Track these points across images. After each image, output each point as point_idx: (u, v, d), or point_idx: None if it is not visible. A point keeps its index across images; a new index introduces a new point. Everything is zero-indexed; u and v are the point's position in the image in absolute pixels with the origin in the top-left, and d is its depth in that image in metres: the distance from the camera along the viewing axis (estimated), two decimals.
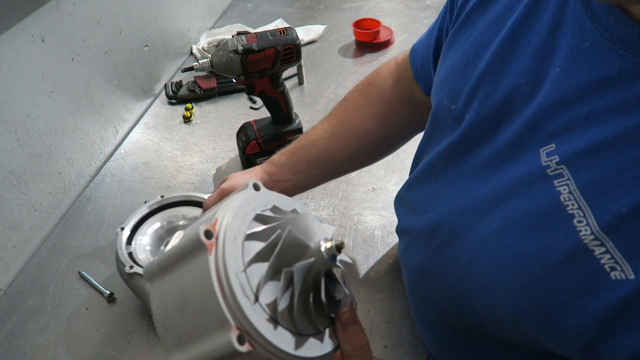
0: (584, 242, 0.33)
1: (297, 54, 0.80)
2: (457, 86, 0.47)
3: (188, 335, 0.31)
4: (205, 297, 0.29)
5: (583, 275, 0.33)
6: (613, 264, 0.32)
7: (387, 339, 0.65)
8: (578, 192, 0.34)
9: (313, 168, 0.66)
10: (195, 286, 0.30)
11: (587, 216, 0.33)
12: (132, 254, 0.68)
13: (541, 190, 0.36)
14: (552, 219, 0.35)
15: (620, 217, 0.31)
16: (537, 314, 0.37)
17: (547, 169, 0.36)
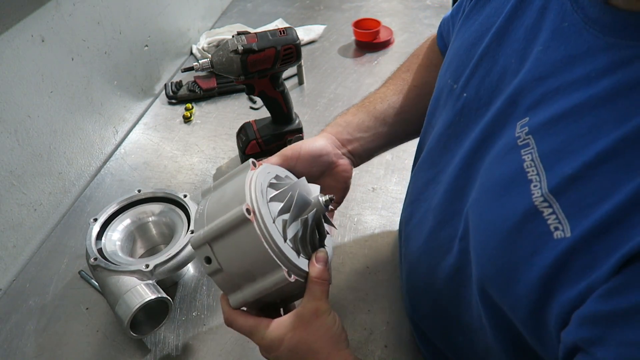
0: (535, 205, 0.35)
1: (297, 54, 0.80)
2: (461, 66, 0.49)
3: (247, 280, 0.46)
4: (260, 254, 0.44)
5: (533, 236, 0.35)
6: (557, 224, 0.33)
7: (387, 339, 0.65)
8: (539, 159, 0.36)
9: (382, 124, 0.62)
10: (252, 247, 0.44)
11: (542, 180, 0.35)
12: (101, 249, 0.67)
13: (511, 159, 0.39)
14: (515, 185, 0.37)
15: (567, 179, 0.34)
16: (497, 279, 0.39)
17: (517, 140, 0.39)
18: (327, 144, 0.58)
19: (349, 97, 1.10)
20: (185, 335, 0.67)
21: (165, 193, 0.74)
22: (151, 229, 0.75)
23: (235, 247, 0.45)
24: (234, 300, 0.47)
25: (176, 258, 0.65)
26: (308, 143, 0.58)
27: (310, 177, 0.54)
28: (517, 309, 0.37)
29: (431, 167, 0.53)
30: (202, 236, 0.45)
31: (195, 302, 0.71)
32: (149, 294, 0.60)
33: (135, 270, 0.63)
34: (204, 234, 0.45)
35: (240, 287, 0.47)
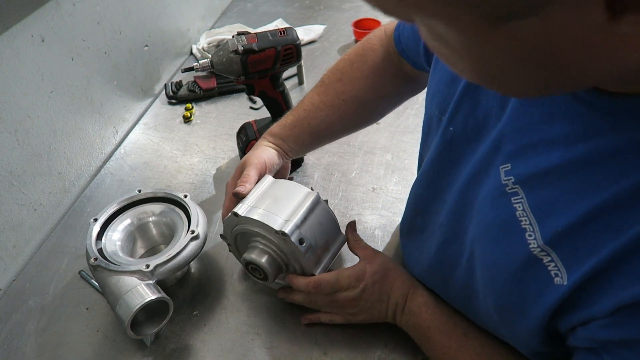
0: (534, 253, 0.39)
1: (297, 54, 0.80)
2: (445, 100, 0.51)
3: (325, 250, 0.63)
4: (332, 224, 0.64)
5: (536, 279, 0.40)
6: (556, 271, 0.38)
7: (387, 339, 0.65)
8: (529, 211, 0.40)
9: (315, 139, 0.74)
10: (327, 220, 0.63)
11: (535, 231, 0.39)
12: (102, 249, 0.67)
13: (502, 204, 0.43)
14: (511, 231, 0.41)
15: (559, 234, 0.38)
16: (507, 310, 0.44)
17: (505, 187, 0.42)
18: (277, 156, 0.71)
19: None
20: (186, 335, 0.67)
21: (166, 193, 0.74)
22: (151, 229, 0.75)
23: (318, 225, 0.61)
24: (319, 271, 0.62)
25: (176, 258, 0.65)
26: (266, 155, 0.69)
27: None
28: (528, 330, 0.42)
29: (430, 186, 0.57)
30: (294, 223, 0.58)
31: (195, 302, 0.71)
32: (150, 294, 0.60)
33: (135, 271, 0.63)
34: (294, 221, 0.58)
35: (320, 259, 0.62)
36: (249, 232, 0.62)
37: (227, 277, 0.74)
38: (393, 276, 0.61)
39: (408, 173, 0.91)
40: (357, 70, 0.71)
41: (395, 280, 0.60)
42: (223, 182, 0.91)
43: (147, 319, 0.64)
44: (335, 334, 0.66)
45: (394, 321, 0.61)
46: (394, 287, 0.60)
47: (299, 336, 0.66)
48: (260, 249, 0.62)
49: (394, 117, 1.04)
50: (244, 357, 0.64)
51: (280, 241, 0.60)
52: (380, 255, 0.63)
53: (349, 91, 0.71)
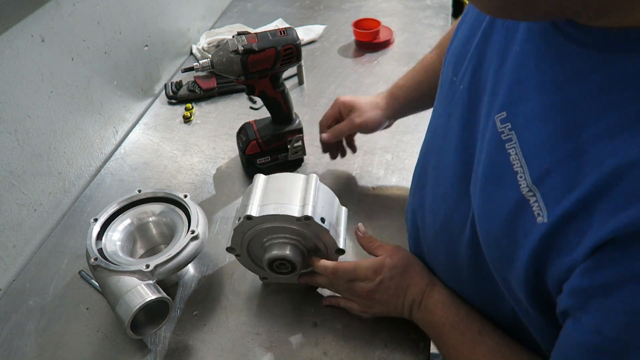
0: (523, 194, 0.40)
1: (297, 54, 0.80)
2: (459, 61, 0.53)
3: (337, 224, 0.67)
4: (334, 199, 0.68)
5: (523, 222, 0.40)
6: (539, 211, 0.39)
7: (387, 339, 0.65)
8: (521, 153, 0.41)
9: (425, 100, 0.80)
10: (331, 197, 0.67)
11: (525, 172, 0.40)
12: (102, 249, 0.67)
13: (498, 153, 0.44)
14: (504, 177, 0.42)
15: (544, 172, 0.39)
16: (501, 259, 0.45)
17: (501, 135, 0.43)
18: (381, 120, 0.83)
19: None
20: (186, 335, 0.67)
21: (166, 193, 0.74)
22: (151, 229, 0.75)
23: (327, 202, 0.64)
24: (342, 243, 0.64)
25: (177, 258, 0.65)
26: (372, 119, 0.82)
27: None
28: (519, 283, 0.43)
29: (433, 154, 0.59)
30: (311, 205, 0.60)
31: (195, 302, 0.71)
32: (150, 294, 0.60)
33: (135, 271, 0.63)
34: (311, 204, 0.60)
35: (337, 233, 0.65)
36: (264, 232, 0.62)
37: (227, 277, 0.74)
38: (412, 272, 0.61)
39: (408, 173, 0.91)
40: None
41: (414, 277, 0.60)
42: (223, 182, 0.91)
43: (147, 318, 0.64)
44: (335, 334, 0.66)
45: (409, 317, 0.61)
46: (412, 283, 0.60)
47: (299, 336, 0.66)
48: (281, 243, 0.63)
49: None
50: (244, 357, 0.64)
51: (303, 227, 0.61)
52: (402, 250, 0.63)
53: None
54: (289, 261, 0.63)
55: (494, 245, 0.45)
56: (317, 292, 0.71)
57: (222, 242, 0.79)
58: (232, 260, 0.75)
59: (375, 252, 0.64)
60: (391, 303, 0.61)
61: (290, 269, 0.64)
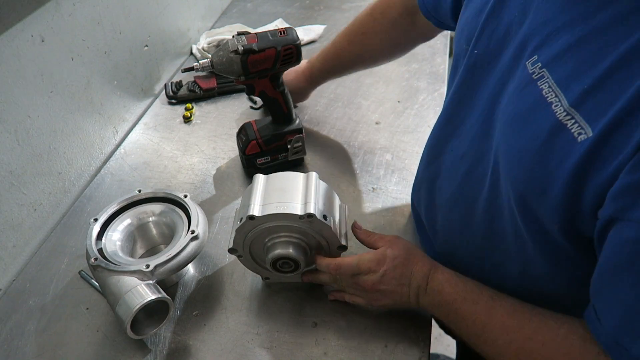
0: (559, 120, 0.42)
1: (297, 54, 0.80)
2: (472, 28, 0.55)
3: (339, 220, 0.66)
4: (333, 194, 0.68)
5: (560, 146, 0.42)
6: (580, 130, 0.40)
7: (387, 339, 0.65)
8: (555, 85, 0.43)
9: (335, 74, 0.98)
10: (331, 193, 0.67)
11: (561, 99, 0.42)
12: (102, 249, 0.67)
13: (528, 92, 0.46)
14: (537, 110, 0.44)
15: (583, 93, 0.41)
16: (534, 190, 0.45)
17: (532, 75, 0.45)
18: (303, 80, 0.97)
19: (349, 97, 1.10)
20: (186, 335, 0.67)
21: (166, 193, 0.74)
22: (151, 229, 0.75)
23: (327, 199, 0.64)
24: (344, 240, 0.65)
25: (177, 258, 0.65)
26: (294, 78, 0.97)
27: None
28: (554, 210, 0.44)
29: (448, 124, 0.62)
30: (313, 203, 0.61)
31: (195, 302, 0.71)
32: (150, 294, 0.60)
33: (135, 271, 0.63)
34: (313, 202, 0.61)
35: (339, 229, 0.65)
36: (266, 232, 0.62)
37: (227, 277, 0.74)
38: (414, 259, 0.61)
39: (408, 173, 0.91)
40: (379, 25, 0.84)
41: (417, 263, 0.61)
42: (223, 182, 0.91)
43: (147, 319, 0.64)
44: (335, 334, 0.66)
45: (417, 305, 0.61)
46: (415, 270, 0.60)
47: (299, 336, 0.66)
48: (283, 242, 0.63)
49: (394, 117, 1.04)
50: (244, 357, 0.64)
51: (306, 225, 0.61)
52: (401, 240, 0.64)
53: (371, 44, 0.87)
54: (292, 260, 0.63)
55: (524, 180, 0.46)
56: (318, 292, 0.71)
57: (222, 242, 0.79)
58: (232, 260, 0.75)
59: (375, 244, 0.65)
60: (397, 293, 0.61)
61: (294, 268, 0.64)
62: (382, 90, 1.13)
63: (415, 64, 1.20)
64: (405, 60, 1.21)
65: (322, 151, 0.96)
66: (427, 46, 1.25)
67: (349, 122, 1.03)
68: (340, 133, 1.01)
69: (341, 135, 1.00)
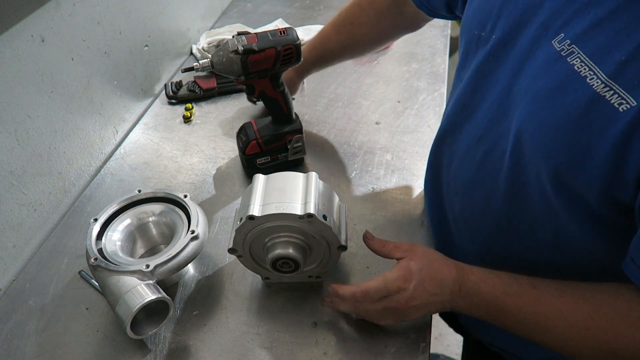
0: (597, 92, 0.42)
1: (297, 54, 0.80)
2: (485, 15, 0.56)
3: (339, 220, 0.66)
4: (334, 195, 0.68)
5: (600, 117, 0.42)
6: (621, 101, 0.41)
7: (387, 339, 0.65)
8: (588, 60, 0.43)
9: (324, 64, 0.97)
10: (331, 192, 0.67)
11: (596, 72, 0.42)
12: (102, 249, 0.67)
13: (557, 69, 0.46)
14: (569, 85, 0.44)
15: (621, 64, 0.41)
16: (570, 163, 0.46)
17: (560, 52, 0.46)
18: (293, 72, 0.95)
19: (349, 97, 1.10)
20: (186, 335, 0.67)
21: (166, 193, 0.74)
22: (151, 229, 0.75)
23: (327, 199, 0.64)
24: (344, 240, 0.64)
25: (177, 258, 0.65)
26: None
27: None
28: (594, 179, 0.44)
29: (462, 111, 0.62)
30: (313, 203, 0.60)
31: (195, 302, 0.71)
32: (150, 294, 0.60)
33: (135, 271, 0.63)
34: (313, 202, 0.61)
35: (339, 229, 0.64)
36: (266, 232, 0.62)
37: (227, 277, 0.74)
38: (438, 266, 0.59)
39: (408, 173, 0.91)
40: (366, 15, 0.85)
41: (442, 270, 0.58)
42: (223, 182, 0.91)
43: (147, 319, 0.64)
44: (335, 334, 0.66)
45: (451, 309, 0.59)
46: (443, 276, 0.58)
47: (299, 336, 0.66)
48: (283, 242, 0.63)
49: (394, 117, 1.04)
50: (244, 357, 0.65)
51: (305, 225, 0.61)
52: (418, 247, 0.61)
53: (359, 34, 0.88)
54: (292, 260, 0.63)
55: (561, 152, 0.46)
56: (318, 292, 0.71)
57: (222, 242, 0.79)
58: (232, 260, 0.75)
59: (391, 254, 0.62)
60: (430, 303, 0.58)
61: (294, 268, 0.64)
62: (382, 90, 1.13)
63: (415, 64, 1.20)
64: (405, 60, 1.21)
65: (322, 151, 0.96)
66: (427, 46, 1.25)
67: (349, 122, 1.03)
68: (340, 133, 1.01)
69: (341, 135, 1.00)
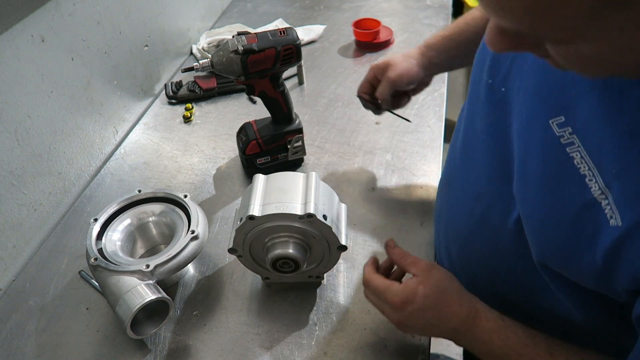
0: (594, 197, 0.40)
1: (297, 54, 0.80)
2: (497, 64, 0.53)
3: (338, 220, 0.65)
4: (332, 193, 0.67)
5: (592, 223, 0.41)
6: (611, 213, 0.39)
7: (387, 339, 0.65)
8: (587, 157, 0.41)
9: (463, 57, 0.78)
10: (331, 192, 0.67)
11: (596, 175, 0.40)
12: (102, 249, 0.68)
13: (556, 156, 0.44)
14: (567, 178, 0.43)
15: (614, 176, 0.39)
16: (558, 258, 0.45)
17: (560, 139, 0.43)
18: (417, 66, 0.78)
19: (349, 97, 1.10)
20: (186, 335, 0.67)
21: (166, 193, 0.74)
22: (151, 229, 0.75)
23: (327, 199, 0.64)
24: (344, 240, 0.63)
25: (177, 258, 0.65)
26: (405, 66, 0.77)
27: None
28: (582, 277, 0.44)
29: (464, 155, 0.60)
30: (313, 203, 0.60)
31: (195, 302, 0.71)
32: (150, 294, 0.60)
33: (135, 271, 0.63)
34: (313, 202, 0.61)
35: (339, 229, 0.64)
36: (266, 232, 0.62)
37: (227, 277, 0.74)
38: (448, 300, 0.54)
39: (408, 173, 0.91)
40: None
41: (452, 305, 0.54)
42: (223, 182, 0.91)
43: (147, 319, 0.64)
44: (335, 334, 0.66)
45: (452, 340, 0.56)
46: (450, 312, 0.54)
47: (299, 336, 0.66)
48: (283, 242, 0.63)
49: (394, 117, 1.04)
50: (244, 357, 0.64)
51: (305, 224, 0.61)
52: (436, 272, 0.56)
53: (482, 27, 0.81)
54: (292, 259, 0.63)
55: (553, 243, 0.45)
56: (317, 292, 0.71)
57: (222, 242, 0.79)
58: (232, 260, 0.75)
59: (407, 269, 0.59)
60: (426, 330, 0.57)
61: (294, 268, 0.64)
62: None
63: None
64: None
65: (322, 151, 0.96)
66: None
67: (349, 122, 1.03)
68: (340, 133, 1.01)
69: (341, 135, 1.00)
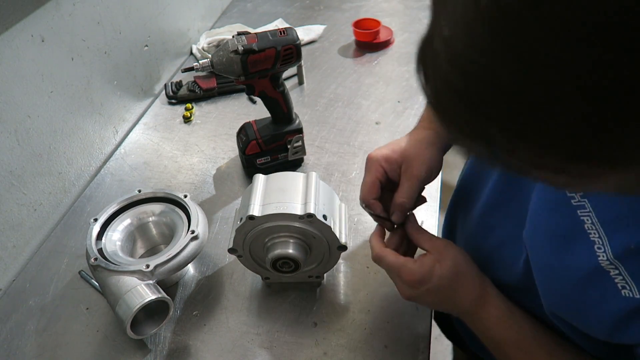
0: (602, 265, 0.40)
1: (297, 54, 0.80)
2: None
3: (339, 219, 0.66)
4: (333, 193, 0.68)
5: (600, 289, 0.41)
6: (624, 284, 0.39)
7: (387, 339, 0.65)
8: (599, 225, 0.41)
9: None
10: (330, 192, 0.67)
11: (605, 245, 0.40)
12: (102, 249, 0.68)
13: (566, 215, 0.43)
14: (577, 241, 0.42)
15: (630, 251, 0.39)
16: (567, 313, 0.46)
17: (572, 200, 0.43)
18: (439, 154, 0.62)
19: (349, 97, 1.10)
20: (186, 335, 0.67)
21: (166, 193, 0.74)
22: (151, 229, 0.75)
23: (327, 199, 0.64)
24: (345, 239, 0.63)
25: (177, 258, 0.65)
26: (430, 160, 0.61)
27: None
28: (591, 331, 0.44)
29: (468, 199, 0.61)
30: (313, 203, 0.61)
31: (195, 302, 0.71)
32: (150, 294, 0.60)
33: (135, 271, 0.63)
34: (313, 202, 0.61)
35: (340, 229, 0.64)
36: (266, 232, 0.62)
37: (227, 277, 0.74)
38: (462, 280, 0.54)
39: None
40: None
41: (465, 285, 0.54)
42: (223, 182, 0.91)
43: (147, 319, 0.64)
44: (335, 334, 0.66)
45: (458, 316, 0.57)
46: (462, 291, 0.54)
47: (299, 336, 0.66)
48: (283, 242, 0.63)
49: (394, 117, 1.04)
50: (244, 357, 0.64)
51: (305, 224, 0.61)
52: (452, 251, 0.55)
53: None
54: (292, 260, 0.63)
55: (559, 303, 0.46)
56: (317, 292, 0.71)
57: (222, 242, 0.79)
58: (232, 260, 0.75)
59: (422, 244, 0.58)
60: (434, 306, 0.58)
61: (294, 268, 0.64)
62: (382, 90, 1.13)
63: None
64: (405, 60, 1.21)
65: (322, 151, 0.96)
66: None
67: (349, 122, 1.03)
68: (340, 133, 1.01)
69: (341, 135, 1.00)
